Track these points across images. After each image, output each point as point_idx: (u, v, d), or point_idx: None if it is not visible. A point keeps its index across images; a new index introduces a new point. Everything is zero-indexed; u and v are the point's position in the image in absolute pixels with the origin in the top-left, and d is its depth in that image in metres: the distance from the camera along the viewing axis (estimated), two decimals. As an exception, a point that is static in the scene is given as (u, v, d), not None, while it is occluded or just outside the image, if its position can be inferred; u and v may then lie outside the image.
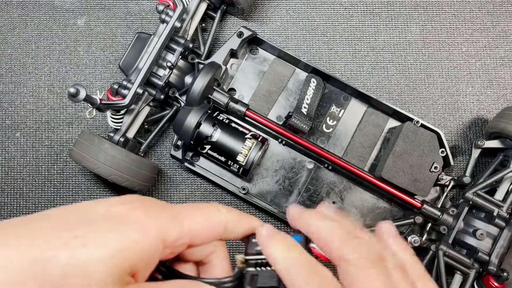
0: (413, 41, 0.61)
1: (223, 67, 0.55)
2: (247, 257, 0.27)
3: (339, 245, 0.25)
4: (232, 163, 0.52)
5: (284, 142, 0.57)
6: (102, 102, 0.49)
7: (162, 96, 0.55)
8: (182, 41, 0.54)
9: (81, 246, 0.22)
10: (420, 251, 0.57)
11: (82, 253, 0.22)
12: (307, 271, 0.25)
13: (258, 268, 0.27)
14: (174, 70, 0.55)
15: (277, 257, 0.26)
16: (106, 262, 0.22)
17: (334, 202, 0.56)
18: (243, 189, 0.55)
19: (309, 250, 0.27)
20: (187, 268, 0.28)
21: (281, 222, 0.58)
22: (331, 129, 0.57)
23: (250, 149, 0.52)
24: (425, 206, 0.52)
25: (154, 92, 0.55)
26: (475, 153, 0.55)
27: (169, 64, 0.52)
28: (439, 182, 0.55)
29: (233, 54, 0.57)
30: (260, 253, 0.27)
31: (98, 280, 0.22)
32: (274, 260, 0.26)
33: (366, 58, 0.61)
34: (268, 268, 0.27)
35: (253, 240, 0.28)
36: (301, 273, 0.25)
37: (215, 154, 0.52)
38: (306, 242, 0.27)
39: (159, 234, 0.24)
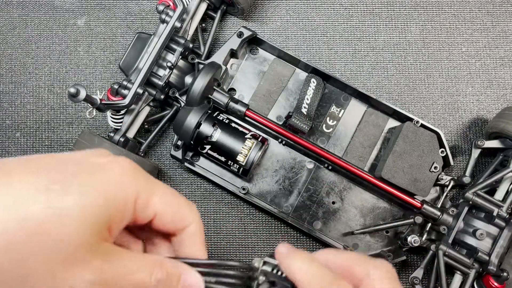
0: (413, 41, 0.61)
1: (223, 67, 0.55)
2: (267, 259, 0.27)
3: None
4: (232, 163, 0.52)
5: (284, 142, 0.57)
6: (102, 102, 0.49)
7: (162, 96, 0.55)
8: (182, 41, 0.54)
9: (62, 193, 0.21)
10: (420, 251, 0.57)
11: (62, 200, 0.21)
12: (325, 280, 0.26)
13: (274, 271, 0.27)
14: (174, 70, 0.55)
15: (297, 269, 0.26)
16: (85, 211, 0.21)
17: (334, 202, 0.56)
18: (243, 189, 0.55)
19: None
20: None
21: (281, 222, 0.58)
22: (331, 129, 0.57)
23: (250, 149, 0.52)
24: (425, 206, 0.52)
25: (154, 92, 0.55)
26: (475, 153, 0.55)
27: (169, 64, 0.52)
28: (439, 182, 0.55)
29: (233, 54, 0.57)
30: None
31: (74, 232, 0.21)
32: (294, 272, 0.26)
33: (366, 58, 0.61)
34: (284, 275, 0.27)
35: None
36: (318, 282, 0.25)
37: (215, 154, 0.53)
38: None
39: (135, 193, 0.24)
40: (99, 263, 0.22)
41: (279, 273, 0.27)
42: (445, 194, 0.55)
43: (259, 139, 0.53)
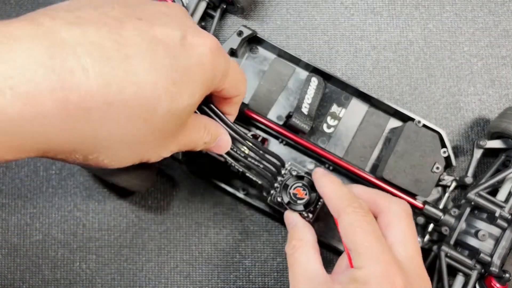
0: (414, 40, 0.61)
1: (223, 67, 0.55)
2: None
3: (344, 203, 0.35)
4: (232, 163, 0.52)
5: (284, 142, 0.56)
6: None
7: (161, 96, 0.55)
8: (182, 40, 0.53)
9: (179, 93, 0.27)
10: (421, 252, 0.57)
11: (178, 99, 0.27)
12: (348, 197, 0.36)
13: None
14: (174, 70, 0.55)
15: (328, 186, 0.37)
16: (191, 103, 0.29)
17: (334, 203, 0.56)
18: (243, 190, 0.54)
19: None
20: None
21: (281, 223, 0.57)
22: (332, 129, 0.57)
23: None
24: (426, 206, 0.52)
25: (153, 92, 0.54)
26: (477, 153, 0.54)
27: (168, 63, 0.52)
28: (440, 183, 0.55)
29: (232, 53, 0.56)
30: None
31: (182, 116, 0.29)
32: (325, 188, 0.37)
33: (367, 57, 0.61)
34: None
35: None
36: (343, 199, 0.35)
37: (214, 155, 0.52)
38: None
39: (220, 75, 0.31)
40: (181, 138, 0.31)
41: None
42: (447, 194, 0.54)
43: (259, 139, 0.52)
